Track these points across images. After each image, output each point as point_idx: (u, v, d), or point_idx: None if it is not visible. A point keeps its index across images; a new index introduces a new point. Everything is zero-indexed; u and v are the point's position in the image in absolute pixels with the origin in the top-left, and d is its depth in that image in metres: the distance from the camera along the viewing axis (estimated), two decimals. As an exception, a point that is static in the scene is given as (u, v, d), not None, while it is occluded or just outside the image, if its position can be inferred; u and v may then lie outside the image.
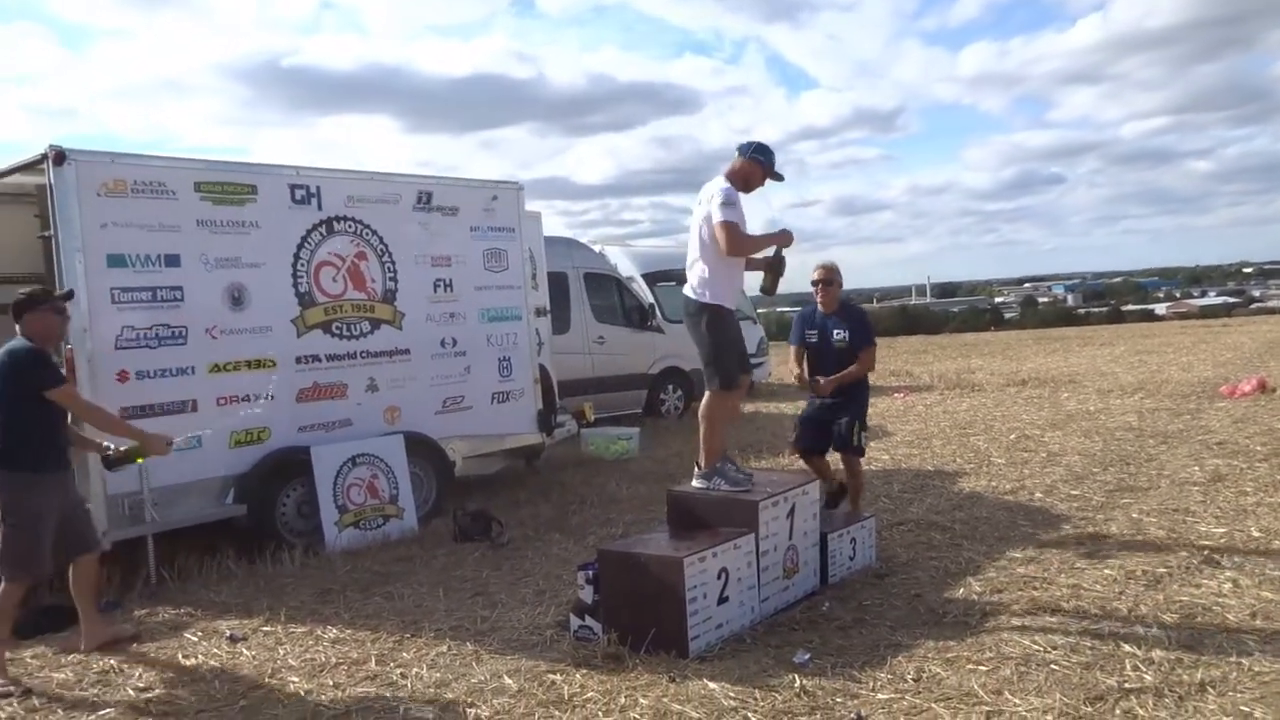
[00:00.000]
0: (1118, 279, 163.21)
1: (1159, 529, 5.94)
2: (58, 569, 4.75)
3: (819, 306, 6.21)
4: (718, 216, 4.81)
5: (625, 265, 13.87)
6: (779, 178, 5.17)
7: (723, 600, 4.43)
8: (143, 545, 5.90)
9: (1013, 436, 9.77)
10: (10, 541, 4.41)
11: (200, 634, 4.93)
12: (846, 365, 6.10)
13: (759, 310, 16.55)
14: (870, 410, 6.39)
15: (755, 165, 5.06)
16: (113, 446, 4.81)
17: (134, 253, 5.89)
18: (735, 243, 4.83)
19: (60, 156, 5.58)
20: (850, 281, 6.26)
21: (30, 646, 4.86)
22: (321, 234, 6.81)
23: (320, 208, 6.81)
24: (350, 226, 6.98)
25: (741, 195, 5.00)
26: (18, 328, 4.54)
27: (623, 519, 7.06)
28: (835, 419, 6.08)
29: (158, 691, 4.18)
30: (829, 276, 6.17)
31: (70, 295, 5.02)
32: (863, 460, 6.41)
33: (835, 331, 6.10)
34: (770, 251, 5.16)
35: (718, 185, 4.93)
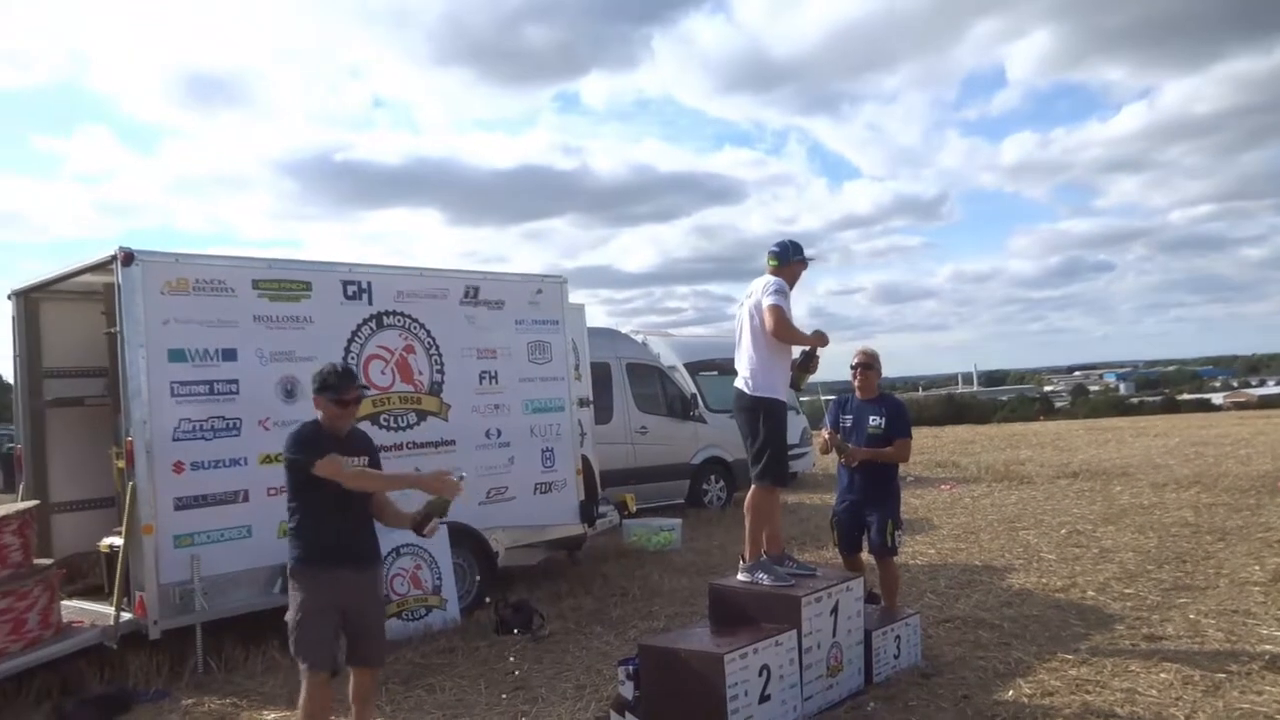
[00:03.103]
0: (1171, 367, 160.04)
1: (1217, 631, 5.77)
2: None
3: (856, 393, 6.20)
4: (768, 301, 5.08)
5: (667, 355, 13.98)
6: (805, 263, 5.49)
7: (764, 698, 4.37)
8: (191, 634, 5.97)
9: (1063, 531, 9.56)
10: (294, 627, 4.08)
11: (243, 725, 4.96)
12: None
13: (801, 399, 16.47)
14: (916, 502, 6.33)
15: (799, 264, 5.36)
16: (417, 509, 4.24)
17: (193, 347, 6.11)
18: (781, 326, 5.06)
19: (129, 257, 5.86)
20: (895, 369, 6.31)
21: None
22: (371, 328, 7.02)
23: (371, 303, 7.04)
24: (399, 320, 7.19)
25: None
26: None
27: (664, 612, 7.01)
28: (865, 518, 5.98)
29: (200, 784, 4.20)
30: (868, 361, 6.14)
31: (364, 387, 4.57)
32: (906, 553, 6.29)
33: (871, 418, 6.02)
34: (799, 351, 5.34)
35: (768, 278, 5.22)
